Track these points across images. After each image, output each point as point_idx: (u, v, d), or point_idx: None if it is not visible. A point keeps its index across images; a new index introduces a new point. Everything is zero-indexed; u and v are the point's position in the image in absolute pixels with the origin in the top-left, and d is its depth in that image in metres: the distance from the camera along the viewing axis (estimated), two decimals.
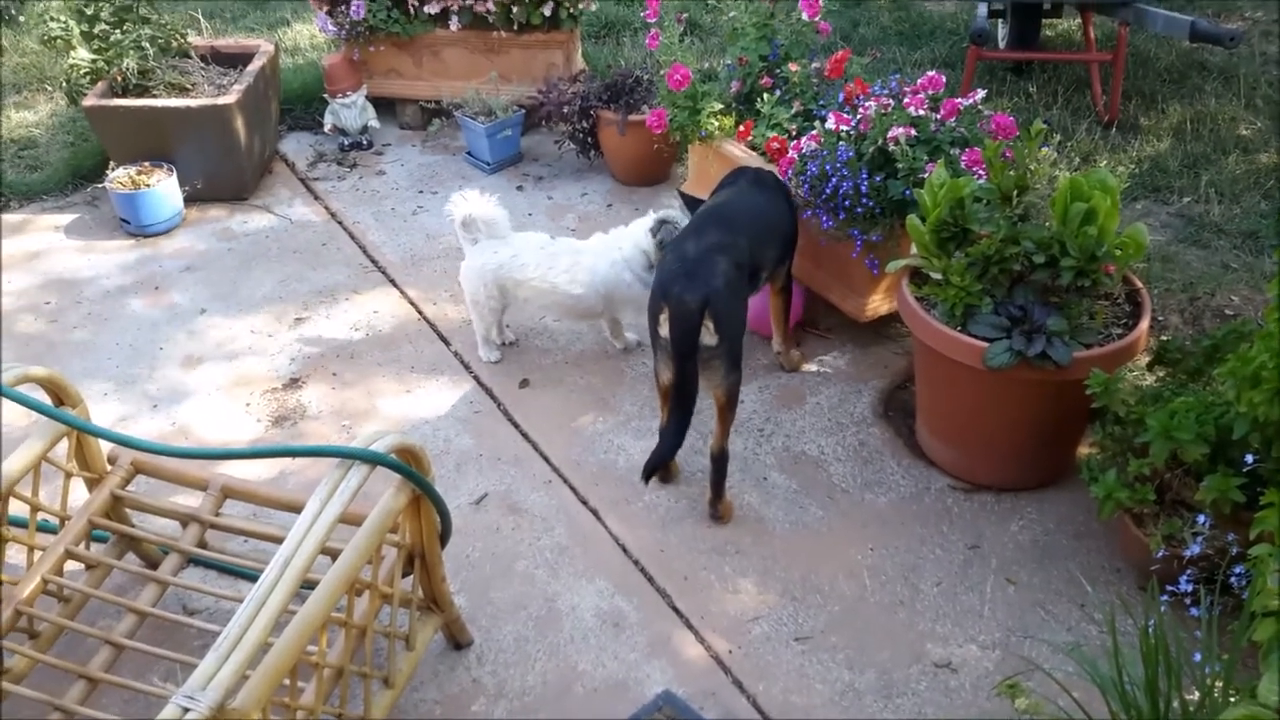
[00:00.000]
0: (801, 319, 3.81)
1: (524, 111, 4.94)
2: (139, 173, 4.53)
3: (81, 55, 4.63)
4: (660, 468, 3.11)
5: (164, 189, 4.48)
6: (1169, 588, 2.36)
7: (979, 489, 3.16)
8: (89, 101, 4.50)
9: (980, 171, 3.19)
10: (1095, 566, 2.91)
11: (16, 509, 2.62)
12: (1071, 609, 2.79)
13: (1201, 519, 2.48)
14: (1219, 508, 2.50)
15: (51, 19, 4.75)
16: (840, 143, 3.35)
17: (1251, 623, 1.96)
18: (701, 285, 2.88)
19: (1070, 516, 3.06)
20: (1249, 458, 2.43)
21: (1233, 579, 2.31)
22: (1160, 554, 2.58)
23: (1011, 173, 3.01)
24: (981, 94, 3.44)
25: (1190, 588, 2.30)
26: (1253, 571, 2.09)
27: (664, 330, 2.93)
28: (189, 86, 4.65)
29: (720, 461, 3.04)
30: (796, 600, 2.86)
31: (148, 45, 4.59)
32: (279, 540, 2.39)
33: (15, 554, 2.79)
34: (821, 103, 3.75)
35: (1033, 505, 3.11)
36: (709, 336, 2.89)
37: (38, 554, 2.64)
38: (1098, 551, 2.95)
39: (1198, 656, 2.09)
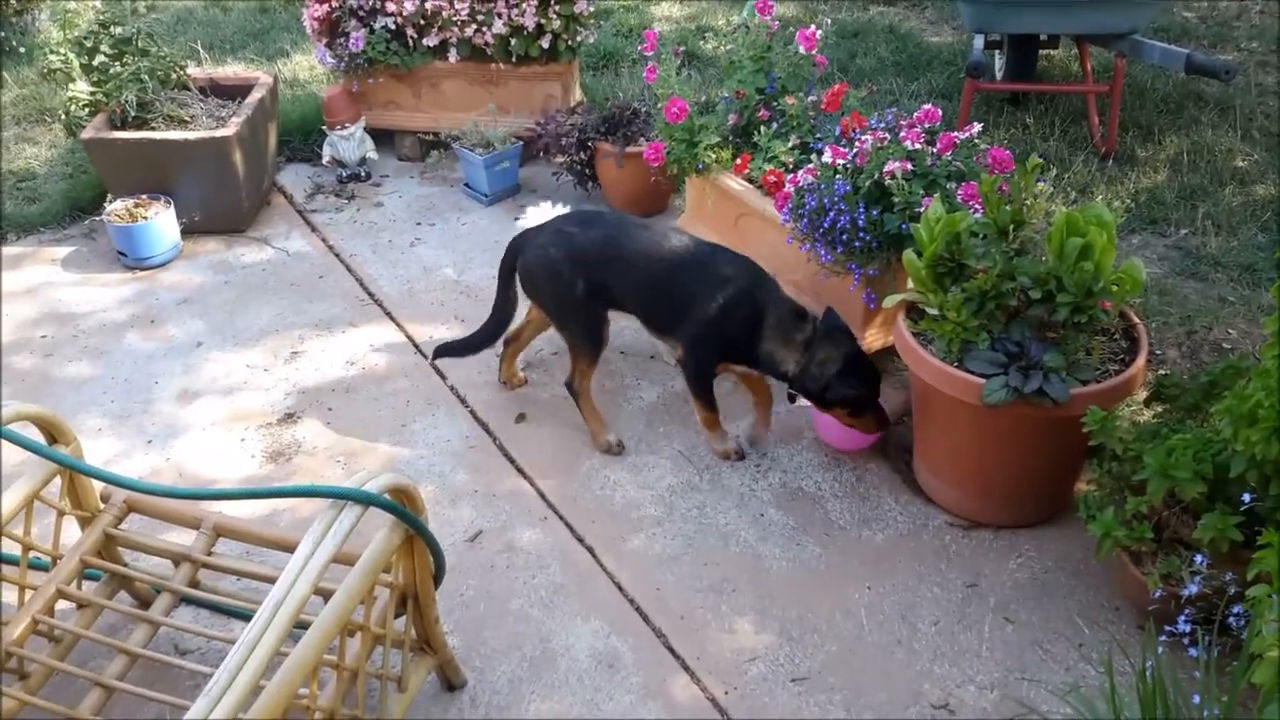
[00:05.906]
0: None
1: (522, 143, 4.95)
2: (136, 205, 4.53)
3: (80, 88, 4.65)
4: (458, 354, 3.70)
5: (161, 222, 4.49)
6: (1167, 628, 2.34)
7: (977, 526, 3.14)
8: (87, 134, 4.51)
9: (976, 206, 3.18)
10: (1094, 605, 2.89)
11: (8, 547, 2.60)
12: (1070, 649, 2.77)
13: (1199, 558, 2.46)
14: (1217, 547, 2.48)
15: (51, 51, 4.78)
16: (837, 176, 3.35)
17: (1250, 664, 1.94)
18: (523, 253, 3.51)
19: (1069, 554, 3.04)
20: (1246, 496, 2.41)
21: (1231, 619, 2.29)
22: (1158, 593, 2.56)
23: (1008, 207, 3.01)
24: (978, 128, 3.44)
25: (1188, 628, 2.29)
26: (1251, 612, 2.07)
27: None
28: (188, 119, 4.66)
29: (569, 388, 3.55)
30: (793, 640, 2.84)
31: (147, 78, 4.60)
32: (272, 580, 2.38)
33: (6, 593, 2.77)
34: (818, 136, 3.76)
35: (1031, 543, 3.09)
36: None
37: (29, 593, 2.62)
38: (1096, 590, 2.93)
39: (1196, 698, 2.07)
